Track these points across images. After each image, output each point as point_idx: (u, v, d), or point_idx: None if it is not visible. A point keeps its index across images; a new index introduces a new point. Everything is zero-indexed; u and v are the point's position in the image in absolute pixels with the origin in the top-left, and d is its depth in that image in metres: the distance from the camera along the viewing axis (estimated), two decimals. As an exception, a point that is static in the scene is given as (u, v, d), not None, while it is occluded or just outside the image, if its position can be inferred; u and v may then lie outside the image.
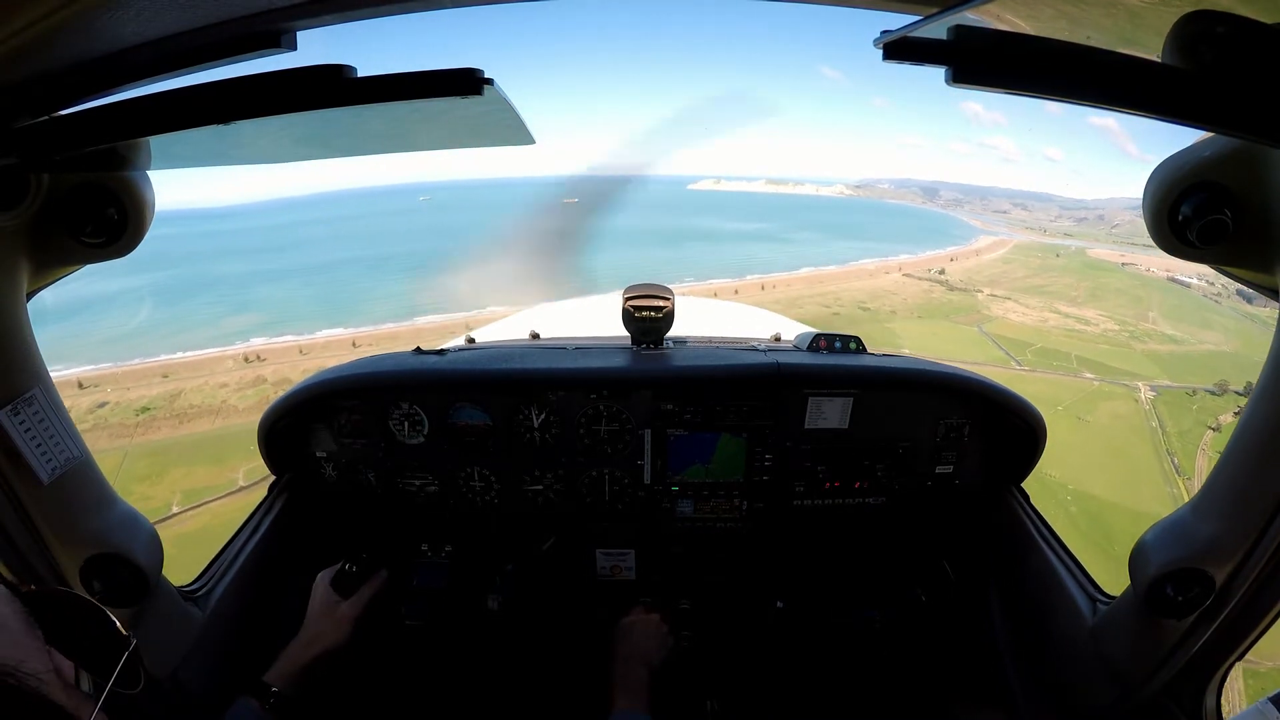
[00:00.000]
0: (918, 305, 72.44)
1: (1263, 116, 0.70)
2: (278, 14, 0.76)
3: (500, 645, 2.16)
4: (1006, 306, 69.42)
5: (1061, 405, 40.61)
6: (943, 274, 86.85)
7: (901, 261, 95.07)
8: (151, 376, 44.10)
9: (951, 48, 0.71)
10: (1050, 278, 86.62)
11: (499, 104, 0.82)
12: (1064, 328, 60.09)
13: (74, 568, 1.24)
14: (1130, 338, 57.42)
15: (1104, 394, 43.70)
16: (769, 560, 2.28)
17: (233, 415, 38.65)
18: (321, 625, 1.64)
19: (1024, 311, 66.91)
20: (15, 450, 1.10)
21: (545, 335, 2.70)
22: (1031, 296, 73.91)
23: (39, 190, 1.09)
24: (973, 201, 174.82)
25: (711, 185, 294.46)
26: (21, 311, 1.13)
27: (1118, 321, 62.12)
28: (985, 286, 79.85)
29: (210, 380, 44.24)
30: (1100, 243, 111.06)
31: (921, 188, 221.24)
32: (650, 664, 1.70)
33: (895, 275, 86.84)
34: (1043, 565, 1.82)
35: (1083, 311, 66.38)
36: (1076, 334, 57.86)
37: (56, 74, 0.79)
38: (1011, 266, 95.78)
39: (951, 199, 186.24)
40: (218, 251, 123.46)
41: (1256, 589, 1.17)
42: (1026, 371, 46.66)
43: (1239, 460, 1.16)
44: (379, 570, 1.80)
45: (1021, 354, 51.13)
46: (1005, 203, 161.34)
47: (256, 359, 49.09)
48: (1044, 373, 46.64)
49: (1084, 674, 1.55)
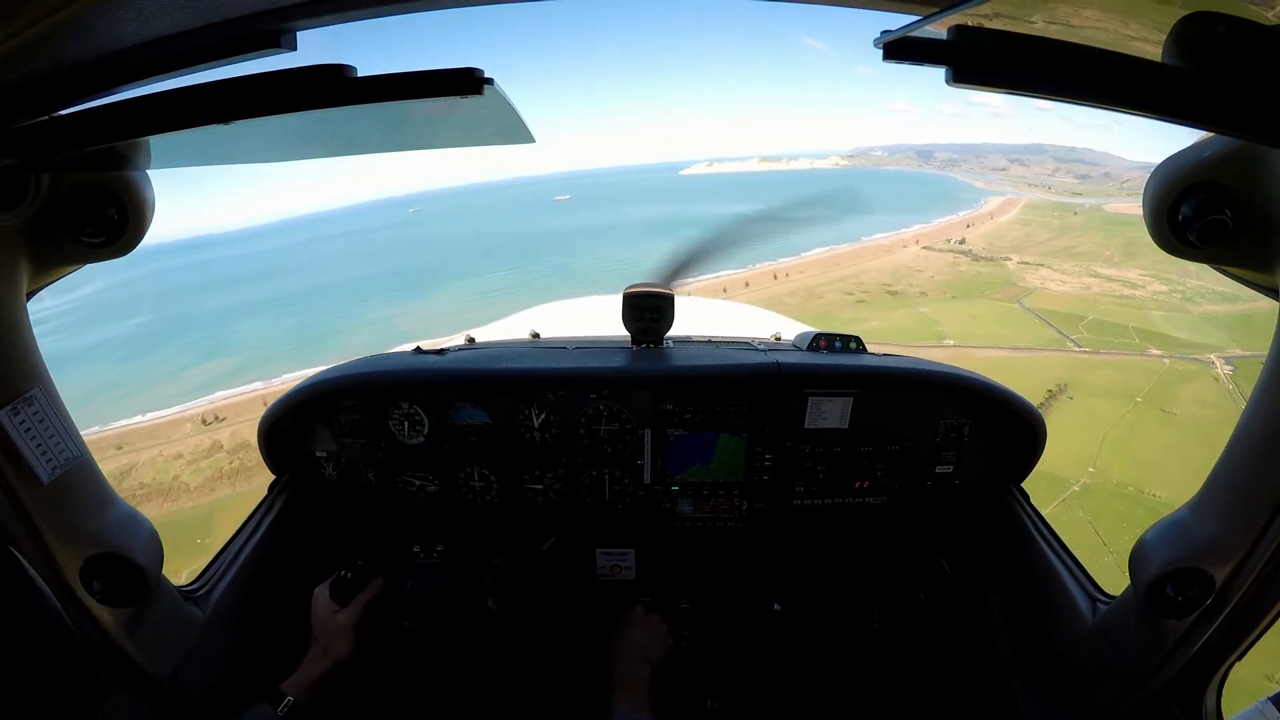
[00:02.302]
0: (947, 282, 68.73)
1: (1263, 116, 0.70)
2: (278, 14, 0.76)
3: (500, 645, 2.16)
4: (1042, 275, 65.48)
5: (1140, 396, 38.13)
6: (964, 243, 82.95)
7: (917, 233, 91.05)
8: (106, 449, 42.04)
9: (951, 48, 0.71)
10: (1075, 238, 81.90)
11: (499, 103, 0.82)
12: (1111, 294, 56.46)
13: (74, 568, 1.24)
14: (1184, 299, 53.65)
15: (1179, 374, 40.63)
16: (769, 560, 2.29)
17: (183, 496, 37.31)
18: (326, 637, 1.65)
19: (1062, 279, 62.95)
20: (15, 450, 1.10)
21: (545, 335, 2.70)
22: (1065, 260, 69.95)
23: (39, 190, 1.09)
24: (968, 160, 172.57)
25: (705, 169, 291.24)
26: (21, 311, 1.13)
27: (1164, 281, 58.36)
28: (1012, 253, 75.73)
29: (165, 450, 42.13)
30: (1114, 198, 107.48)
31: (916, 151, 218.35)
32: (651, 662, 1.70)
33: (914, 249, 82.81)
34: (1043, 565, 1.82)
35: (1123, 273, 62.75)
36: (1126, 300, 54.17)
37: (56, 74, 0.79)
38: (1032, 229, 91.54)
39: (947, 159, 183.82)
40: (199, 285, 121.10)
41: (1256, 589, 1.17)
42: (1088, 354, 43.03)
43: (1239, 460, 1.16)
44: (375, 577, 1.81)
45: (1074, 330, 47.22)
46: (1001, 159, 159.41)
47: (215, 420, 47.09)
48: (1107, 353, 43.27)
49: (1084, 674, 1.55)
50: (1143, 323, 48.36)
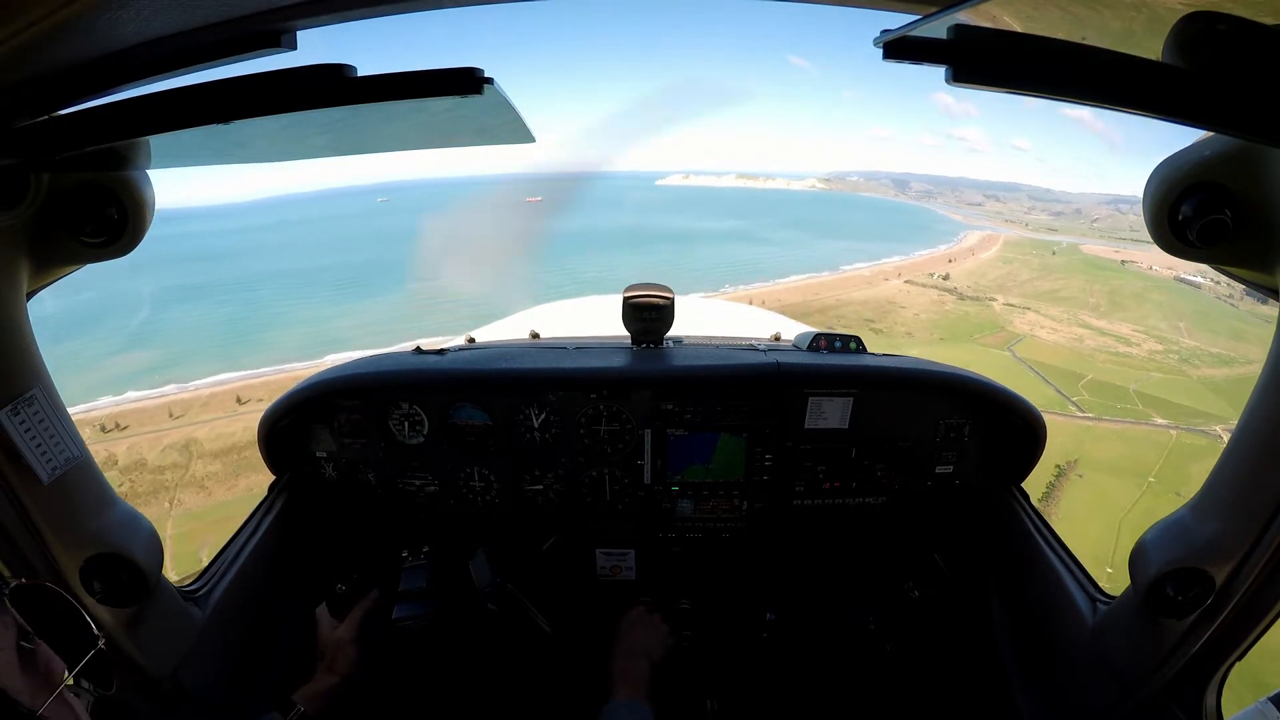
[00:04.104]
0: (934, 322, 67.48)
1: (1263, 116, 0.70)
2: (278, 14, 0.76)
3: (500, 645, 2.16)
4: (1030, 320, 64.38)
5: (1153, 475, 36.75)
6: (947, 279, 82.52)
7: (898, 265, 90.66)
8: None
9: (951, 47, 0.71)
10: (1058, 280, 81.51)
11: (499, 103, 0.82)
12: (1105, 349, 55.20)
13: (74, 568, 1.24)
14: (1180, 361, 52.59)
15: (1189, 450, 39.54)
16: (768, 560, 2.28)
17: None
18: (331, 653, 1.68)
19: (1052, 326, 62.11)
20: (15, 450, 1.10)
21: (545, 335, 2.70)
22: (1051, 305, 69.02)
23: (39, 190, 1.09)
24: (944, 193, 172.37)
25: (681, 180, 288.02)
26: (21, 311, 1.13)
27: (1158, 339, 57.27)
28: (997, 293, 74.92)
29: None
30: (1088, 238, 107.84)
31: (892, 179, 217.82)
32: (651, 658, 1.70)
33: (896, 282, 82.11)
34: (1043, 565, 1.82)
35: (1115, 326, 61.75)
36: (1123, 359, 53.11)
37: (56, 74, 0.79)
38: (1013, 268, 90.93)
39: (923, 190, 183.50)
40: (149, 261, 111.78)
41: (1256, 589, 1.18)
42: (1092, 420, 41.35)
43: (1239, 460, 1.16)
44: (369, 588, 1.83)
45: (1075, 390, 45.44)
46: (977, 194, 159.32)
47: (116, 427, 42.19)
48: (1112, 421, 41.47)
49: (1084, 674, 1.55)
50: (1143, 385, 47.22)
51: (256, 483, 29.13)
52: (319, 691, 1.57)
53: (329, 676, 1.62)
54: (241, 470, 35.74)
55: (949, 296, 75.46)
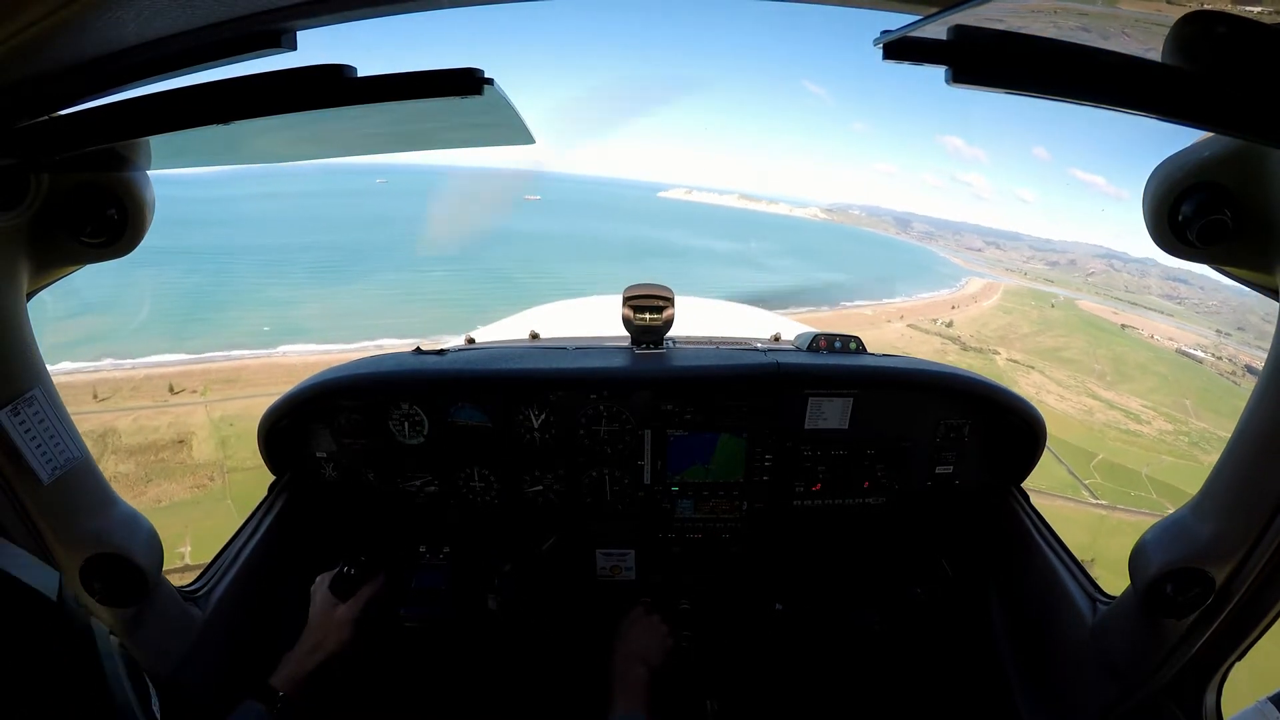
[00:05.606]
0: None
1: (1263, 116, 0.70)
2: (278, 14, 0.76)
3: (500, 645, 2.16)
4: (1035, 381, 60.86)
5: None
6: (950, 326, 79.00)
7: (900, 307, 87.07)
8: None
9: (951, 47, 0.71)
10: (1059, 337, 78.08)
11: (499, 103, 0.82)
12: (1115, 426, 52.03)
13: (74, 568, 1.24)
14: (1190, 444, 49.44)
15: None
16: (769, 561, 2.28)
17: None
18: (323, 630, 1.64)
19: (1060, 394, 58.54)
20: (15, 450, 1.10)
21: (545, 335, 2.70)
22: (1056, 366, 65.79)
23: (39, 190, 1.09)
24: (945, 236, 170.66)
25: (683, 195, 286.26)
26: (21, 311, 1.13)
27: (1167, 418, 54.26)
28: (1000, 346, 71.90)
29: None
30: (1083, 293, 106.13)
31: (894, 217, 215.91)
32: (650, 663, 1.70)
33: (899, 326, 78.29)
34: (1043, 565, 1.82)
35: (1124, 400, 58.15)
36: (1134, 438, 50.06)
37: (56, 74, 0.79)
38: (1013, 319, 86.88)
39: (925, 232, 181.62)
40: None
41: (1256, 589, 1.18)
42: (1106, 509, 38.07)
43: (1239, 460, 1.16)
44: (377, 572, 1.80)
45: (1086, 471, 41.71)
46: (978, 240, 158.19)
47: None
48: (1126, 511, 37.88)
49: (1084, 674, 1.55)
50: (1155, 469, 43.62)
51: (167, 493, 26.42)
52: (301, 674, 1.50)
53: (313, 655, 1.56)
54: (155, 476, 29.47)
55: (952, 346, 71.77)
